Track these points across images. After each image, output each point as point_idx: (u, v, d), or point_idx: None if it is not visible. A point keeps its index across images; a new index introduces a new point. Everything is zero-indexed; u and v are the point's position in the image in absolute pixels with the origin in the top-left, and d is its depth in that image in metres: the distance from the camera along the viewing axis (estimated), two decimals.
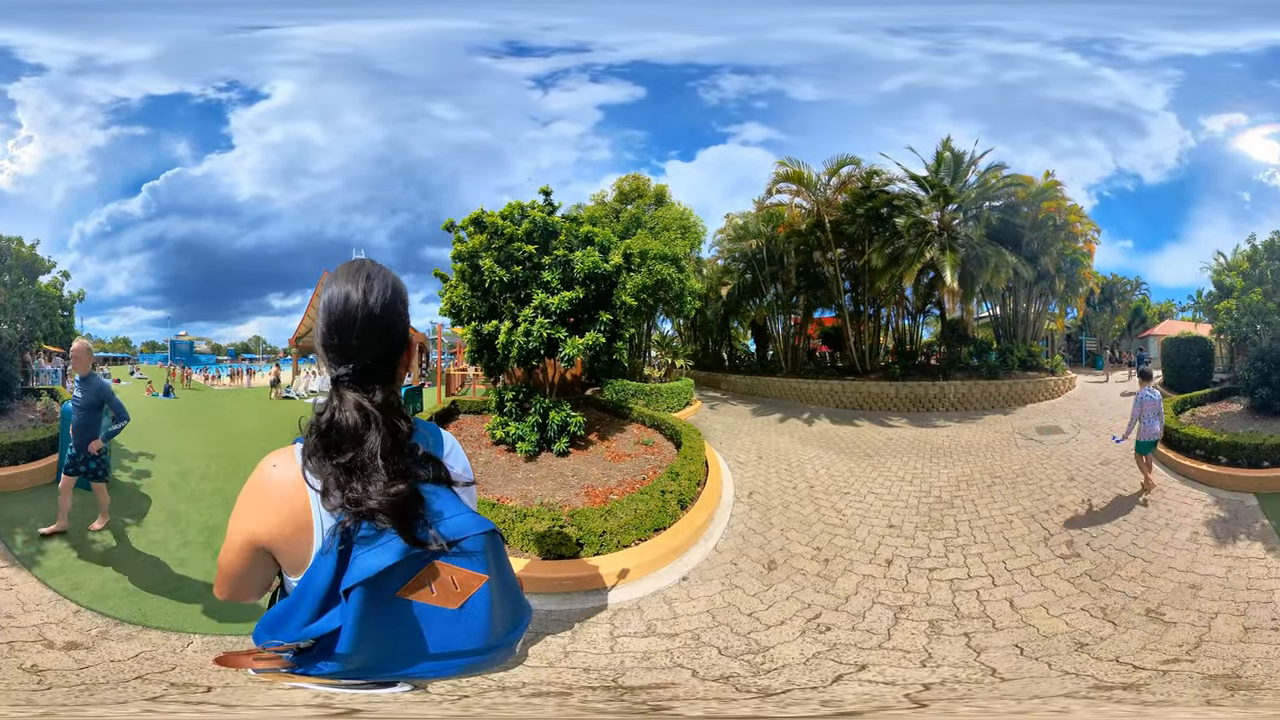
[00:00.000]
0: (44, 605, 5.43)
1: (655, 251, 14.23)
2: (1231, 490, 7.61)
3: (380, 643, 1.44)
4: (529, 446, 9.69)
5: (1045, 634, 4.48)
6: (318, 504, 1.49)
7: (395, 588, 1.42)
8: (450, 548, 1.47)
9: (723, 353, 22.67)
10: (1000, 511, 7.29)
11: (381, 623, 1.42)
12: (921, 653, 4.26)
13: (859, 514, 7.47)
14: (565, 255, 9.95)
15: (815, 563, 6.07)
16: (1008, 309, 16.62)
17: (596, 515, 6.44)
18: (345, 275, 1.59)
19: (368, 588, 1.38)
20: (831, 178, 16.09)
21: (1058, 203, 14.93)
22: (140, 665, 4.30)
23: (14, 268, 11.68)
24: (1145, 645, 4.25)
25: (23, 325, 11.66)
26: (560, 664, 4.20)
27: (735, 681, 3.79)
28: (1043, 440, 10.98)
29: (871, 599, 5.19)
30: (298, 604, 1.47)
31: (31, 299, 11.77)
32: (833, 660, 4.17)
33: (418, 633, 1.46)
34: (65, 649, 4.63)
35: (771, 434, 12.59)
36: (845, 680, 3.83)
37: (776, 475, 9.32)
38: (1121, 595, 5.07)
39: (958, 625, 4.67)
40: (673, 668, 4.07)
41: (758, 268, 18.01)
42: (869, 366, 17.02)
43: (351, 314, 1.54)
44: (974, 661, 4.12)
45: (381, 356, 1.59)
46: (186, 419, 14.63)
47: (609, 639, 4.65)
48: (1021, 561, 5.88)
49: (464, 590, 1.49)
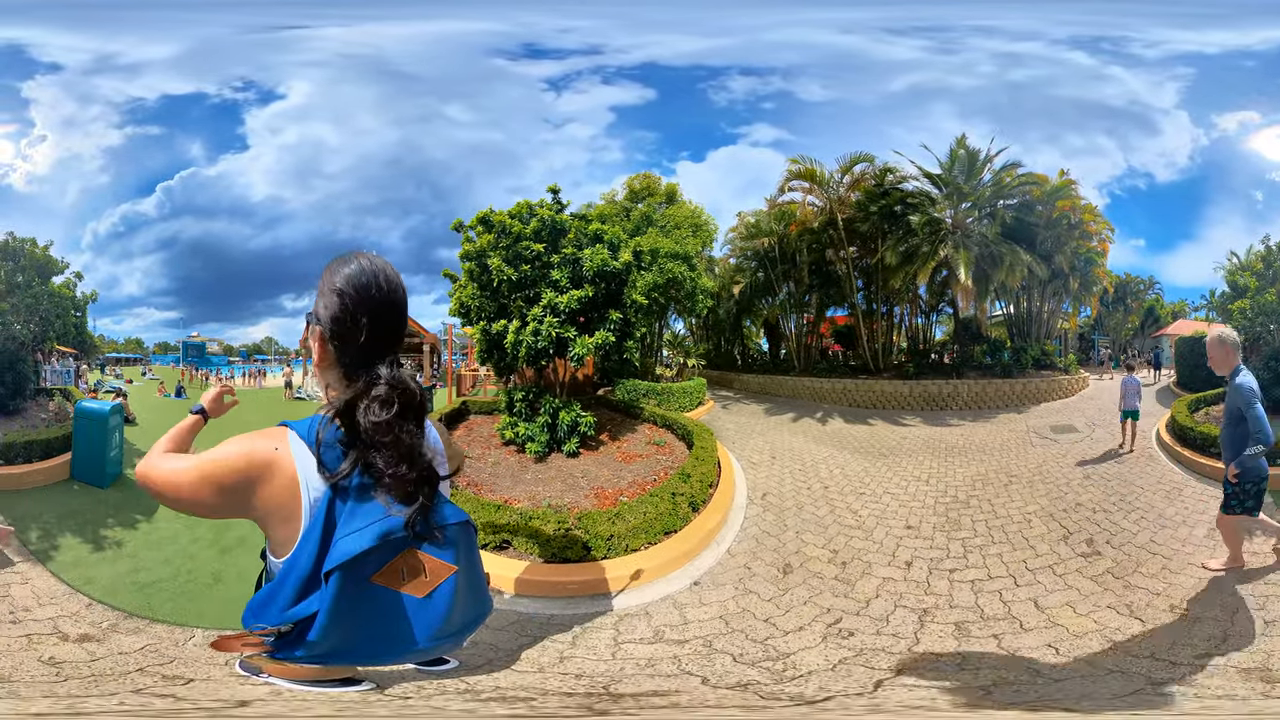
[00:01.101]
0: (58, 599, 5.50)
1: (666, 250, 14.17)
2: None
3: (349, 628, 1.47)
4: (539, 447, 9.60)
5: (1075, 633, 4.43)
6: (306, 486, 1.51)
7: (370, 572, 1.45)
8: (426, 535, 1.51)
9: (735, 351, 22.64)
10: (1018, 510, 7.22)
11: (353, 608, 1.45)
12: (956, 656, 4.21)
13: (875, 515, 7.39)
14: (574, 253, 9.87)
15: (832, 565, 6.00)
16: (1021, 308, 16.51)
17: (604, 518, 6.34)
18: (368, 259, 1.66)
19: (345, 572, 1.42)
20: (844, 175, 16.05)
21: (1072, 201, 14.83)
22: (144, 658, 4.32)
23: (27, 268, 11.81)
24: (1175, 641, 4.21)
25: (36, 326, 11.78)
26: (552, 669, 4.11)
27: (757, 689, 3.72)
28: (1057, 439, 10.88)
29: (894, 602, 5.13)
30: (281, 586, 1.51)
31: (45, 300, 11.89)
32: (863, 665, 4.11)
33: (388, 622, 1.50)
34: (78, 641, 4.67)
35: (785, 433, 12.51)
36: (888, 686, 3.77)
37: (790, 476, 9.26)
38: (1145, 592, 5.03)
39: (984, 627, 4.61)
40: (679, 675, 3.98)
41: (770, 266, 17.96)
42: (882, 365, 16.95)
43: (394, 295, 1.65)
44: (1010, 662, 4.08)
45: (401, 339, 1.69)
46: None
47: (612, 645, 4.56)
48: (1043, 561, 5.81)
49: (433, 579, 1.52)
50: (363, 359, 1.60)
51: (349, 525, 1.46)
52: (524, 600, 5.37)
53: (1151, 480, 8.18)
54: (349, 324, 1.59)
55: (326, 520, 1.47)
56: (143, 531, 7.22)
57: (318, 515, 1.48)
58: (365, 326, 1.58)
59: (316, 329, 1.67)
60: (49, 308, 11.94)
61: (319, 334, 1.66)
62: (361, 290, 1.60)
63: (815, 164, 16.11)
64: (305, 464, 1.52)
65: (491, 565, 5.67)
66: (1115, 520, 6.74)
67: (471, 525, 1.66)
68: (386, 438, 1.49)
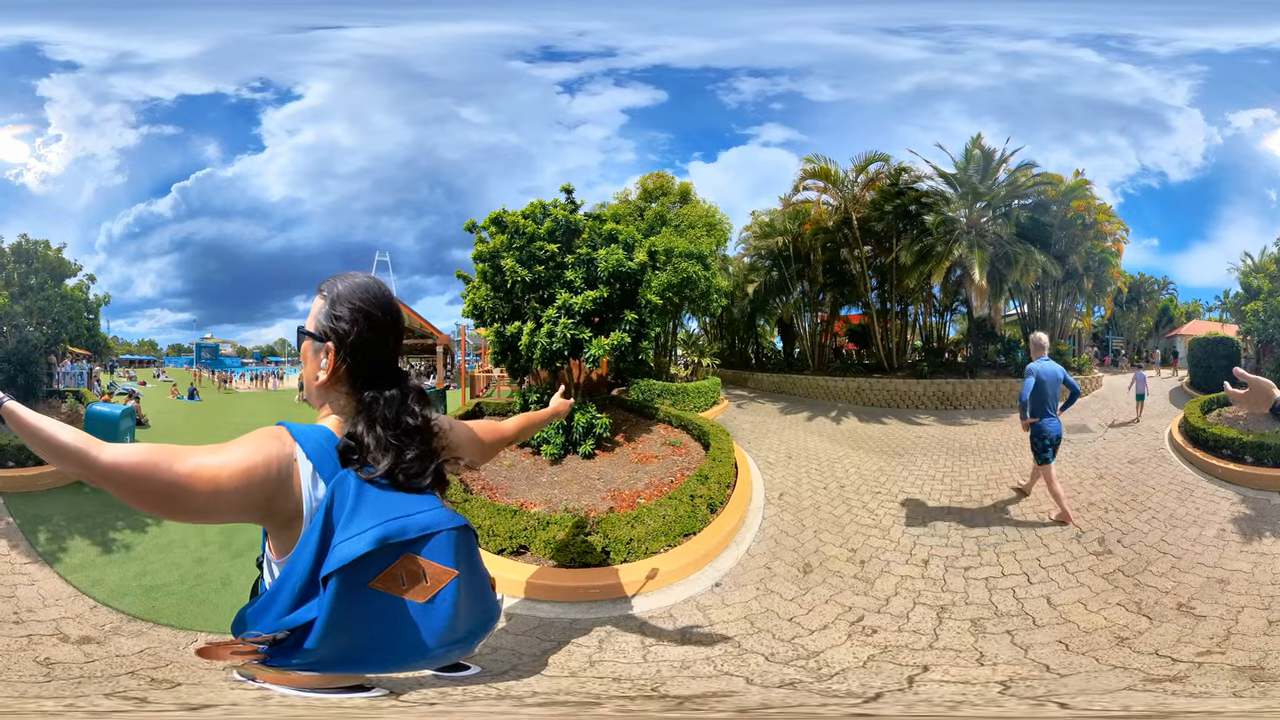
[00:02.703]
0: (64, 600, 5.57)
1: (680, 249, 14.20)
2: (1258, 489, 7.71)
3: (349, 634, 1.46)
4: (554, 449, 9.54)
5: (1085, 629, 4.54)
6: (308, 487, 1.53)
7: (368, 578, 1.45)
8: (424, 540, 1.52)
9: (749, 351, 22.71)
10: (1031, 510, 7.32)
11: (354, 615, 1.45)
12: (973, 651, 4.33)
13: (892, 514, 7.52)
14: (589, 254, 9.82)
15: (851, 565, 6.11)
16: (1035, 307, 16.51)
17: (623, 522, 6.34)
18: (375, 283, 1.75)
19: (342, 577, 1.42)
20: (859, 174, 16.08)
21: (1087, 201, 14.82)
22: (140, 661, 4.32)
23: (41, 270, 11.92)
24: (1180, 639, 4.31)
25: (49, 328, 11.89)
26: (584, 673, 4.13)
27: (803, 687, 3.81)
28: (1071, 439, 10.92)
29: (913, 599, 5.26)
30: (278, 593, 1.50)
31: (58, 302, 12.00)
32: (891, 663, 4.23)
33: (390, 628, 1.49)
34: (79, 643, 4.69)
35: (800, 433, 12.60)
36: (920, 681, 3.87)
37: (807, 475, 9.35)
38: (1154, 590, 5.12)
39: (999, 623, 4.73)
40: (718, 676, 4.04)
41: (784, 265, 18.00)
42: (896, 364, 16.99)
43: (398, 318, 1.75)
44: (1025, 659, 4.19)
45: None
46: (210, 421, 14.72)
47: (640, 647, 4.57)
48: (1056, 559, 5.90)
49: (434, 584, 1.52)
50: (382, 373, 1.69)
51: (347, 530, 1.46)
52: (543, 605, 5.40)
53: (1163, 481, 8.26)
54: (375, 341, 1.65)
55: (324, 525, 1.47)
56: (151, 535, 7.28)
57: (316, 520, 1.48)
58: (390, 343, 1.69)
59: (328, 345, 1.66)
60: (61, 310, 12.06)
61: (330, 350, 1.65)
62: (384, 308, 1.70)
63: (830, 163, 16.18)
64: (306, 467, 1.54)
65: (509, 570, 5.76)
66: (1127, 519, 6.82)
67: (471, 530, 1.67)
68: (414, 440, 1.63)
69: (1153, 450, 9.73)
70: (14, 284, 11.54)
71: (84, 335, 12.79)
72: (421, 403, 1.71)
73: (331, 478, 1.54)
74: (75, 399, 11.86)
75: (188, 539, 7.06)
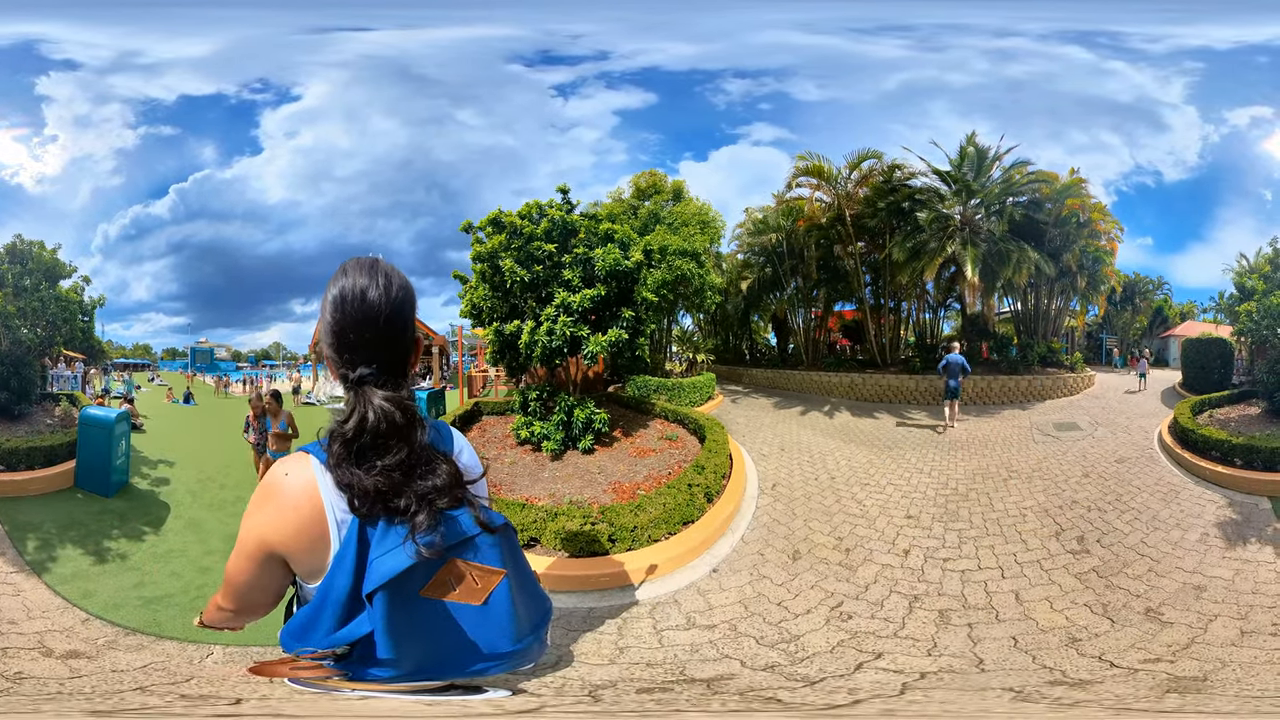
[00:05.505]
0: (50, 613, 5.36)
1: (675, 247, 14.32)
2: (1245, 493, 7.59)
3: (424, 642, 1.43)
4: (554, 445, 9.77)
5: (1043, 628, 4.60)
6: (332, 509, 1.46)
7: (417, 588, 1.42)
8: (466, 544, 1.47)
9: (743, 347, 22.81)
10: (1014, 505, 7.45)
11: (415, 623, 1.41)
12: (929, 641, 4.47)
13: (879, 505, 7.67)
14: (585, 253, 10.00)
15: (837, 552, 6.30)
16: (1028, 305, 16.62)
17: (627, 510, 6.60)
18: (359, 271, 1.54)
19: (389, 590, 1.38)
20: (853, 171, 16.16)
21: (1081, 200, 14.91)
22: (147, 676, 4.22)
23: (35, 272, 11.72)
24: (1134, 644, 4.32)
25: (43, 330, 11.72)
26: (621, 660, 4.27)
27: (780, 671, 3.96)
28: (1060, 436, 11.08)
29: (889, 588, 5.42)
30: (320, 610, 1.45)
31: (52, 304, 11.79)
32: (854, 649, 4.38)
33: (459, 631, 1.46)
34: (64, 658, 4.51)
35: (793, 426, 12.79)
36: (865, 668, 4.02)
37: (799, 467, 9.53)
38: (1125, 593, 5.14)
39: (964, 615, 4.86)
40: (721, 659, 4.20)
41: (778, 261, 18.09)
42: (889, 360, 17.14)
43: (374, 310, 1.50)
44: (969, 652, 4.32)
45: (401, 355, 1.56)
46: (207, 425, 14.65)
47: (653, 633, 4.77)
48: (1032, 555, 6.03)
49: (485, 586, 1.48)
50: (360, 375, 1.50)
51: (383, 545, 1.40)
52: (560, 595, 5.60)
53: (1150, 481, 8.33)
54: (345, 338, 1.51)
55: (359, 542, 1.42)
56: (149, 544, 7.05)
57: (349, 538, 1.42)
58: (356, 342, 1.50)
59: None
60: (56, 312, 11.84)
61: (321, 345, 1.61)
62: (354, 288, 1.52)
63: (823, 160, 16.27)
64: (329, 488, 1.46)
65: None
66: (1109, 519, 6.92)
67: (511, 528, 1.61)
68: (388, 459, 1.45)
69: (1141, 450, 9.81)
70: (8, 284, 11.36)
71: (79, 338, 12.60)
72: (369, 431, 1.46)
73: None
74: (69, 402, 11.66)
75: (188, 547, 6.91)
